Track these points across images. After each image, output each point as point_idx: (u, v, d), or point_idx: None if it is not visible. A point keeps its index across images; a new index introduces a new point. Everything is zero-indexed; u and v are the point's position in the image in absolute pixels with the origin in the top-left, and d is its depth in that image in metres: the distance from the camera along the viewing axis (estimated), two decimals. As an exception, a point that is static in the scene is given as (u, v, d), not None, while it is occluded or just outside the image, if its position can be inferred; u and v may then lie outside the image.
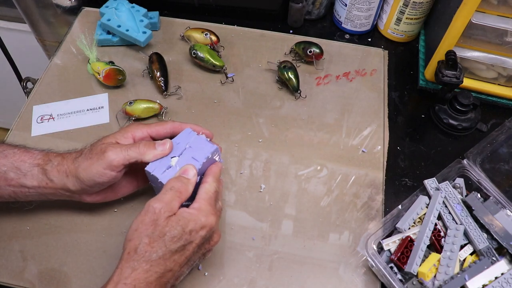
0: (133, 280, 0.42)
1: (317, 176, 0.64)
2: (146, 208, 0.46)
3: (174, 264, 0.44)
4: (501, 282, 0.51)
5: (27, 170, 0.50)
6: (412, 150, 0.68)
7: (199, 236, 0.46)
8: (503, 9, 0.64)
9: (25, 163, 0.50)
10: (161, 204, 0.45)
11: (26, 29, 1.12)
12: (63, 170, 0.50)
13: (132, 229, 0.45)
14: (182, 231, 0.44)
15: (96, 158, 0.49)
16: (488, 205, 0.56)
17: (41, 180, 0.50)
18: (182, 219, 0.45)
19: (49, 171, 0.50)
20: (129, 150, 0.49)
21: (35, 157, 0.51)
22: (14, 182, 0.50)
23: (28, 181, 0.50)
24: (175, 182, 0.47)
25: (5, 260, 0.55)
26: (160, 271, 0.43)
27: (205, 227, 0.46)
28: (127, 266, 0.43)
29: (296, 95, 0.72)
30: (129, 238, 0.44)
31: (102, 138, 0.52)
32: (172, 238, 0.44)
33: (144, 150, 0.50)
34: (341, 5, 0.80)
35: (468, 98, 0.68)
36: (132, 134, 0.52)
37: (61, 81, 0.73)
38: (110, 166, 0.49)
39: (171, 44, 0.79)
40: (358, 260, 0.57)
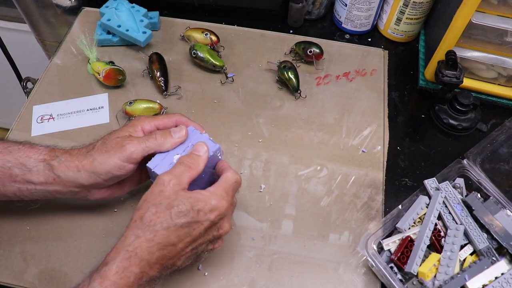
0: (135, 247, 0.42)
1: (317, 176, 0.64)
2: (156, 180, 0.46)
3: (178, 240, 0.44)
4: (501, 282, 0.51)
5: (33, 166, 0.49)
6: (412, 150, 0.68)
7: (207, 219, 0.45)
8: (503, 9, 0.64)
9: (30, 159, 0.50)
10: (170, 176, 0.46)
11: (26, 29, 1.12)
12: (74, 165, 0.49)
13: (142, 199, 0.46)
14: (190, 207, 0.44)
15: (114, 151, 0.48)
16: (488, 205, 0.56)
17: (48, 176, 0.49)
18: (193, 197, 0.45)
19: (56, 167, 0.49)
20: (147, 141, 0.49)
21: (41, 153, 0.50)
22: (19, 178, 0.49)
23: (34, 177, 0.49)
24: (185, 158, 0.48)
25: (5, 260, 0.55)
26: (162, 243, 0.43)
27: (214, 210, 0.45)
28: (131, 234, 0.43)
29: (296, 95, 0.72)
30: (138, 207, 0.45)
31: (113, 132, 0.51)
32: (179, 212, 0.44)
33: (161, 140, 0.50)
34: (341, 5, 0.80)
35: (468, 98, 0.68)
36: (142, 127, 0.52)
37: (61, 81, 0.73)
38: (130, 158, 0.49)
39: (171, 44, 0.79)
40: (358, 260, 0.57)
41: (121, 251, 0.42)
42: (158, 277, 0.44)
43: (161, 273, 0.44)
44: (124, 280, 0.41)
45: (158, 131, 0.51)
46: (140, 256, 0.42)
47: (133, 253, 0.42)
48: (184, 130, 0.51)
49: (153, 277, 0.44)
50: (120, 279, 0.41)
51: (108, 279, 0.41)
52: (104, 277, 0.41)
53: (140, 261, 0.42)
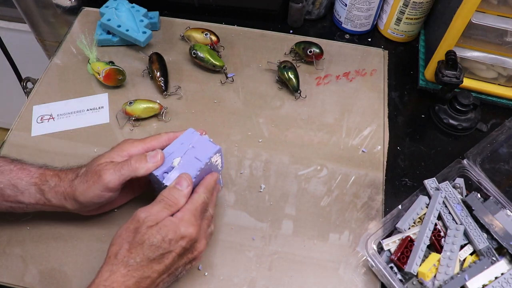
0: (111, 282, 0.43)
1: (317, 176, 0.64)
2: (133, 217, 0.47)
3: (152, 272, 0.45)
4: (501, 282, 0.51)
5: (24, 189, 0.51)
6: (412, 150, 0.68)
7: (178, 246, 0.46)
8: (503, 9, 0.64)
9: (22, 181, 0.51)
10: (146, 214, 0.46)
11: (26, 29, 1.12)
12: (61, 191, 0.50)
13: (117, 235, 0.46)
14: (162, 240, 0.45)
15: (93, 182, 0.49)
16: (488, 205, 0.56)
17: (39, 199, 0.51)
18: (163, 227, 0.45)
19: (47, 192, 0.51)
20: (122, 169, 0.49)
21: (32, 175, 0.51)
22: (11, 198, 0.51)
23: (25, 198, 0.51)
24: (166, 194, 0.48)
25: (5, 261, 0.55)
26: (137, 276, 0.44)
27: (184, 237, 0.46)
28: (106, 270, 0.44)
29: (296, 95, 0.72)
30: (113, 243, 0.46)
31: (97, 158, 0.52)
32: (150, 246, 0.44)
33: (136, 165, 0.49)
34: (341, 5, 0.80)
35: (468, 98, 0.68)
36: (128, 152, 0.52)
37: (61, 81, 0.73)
38: (107, 188, 0.49)
39: (171, 44, 0.79)
40: (358, 260, 0.57)
41: (98, 285, 0.43)
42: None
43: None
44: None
45: (134, 157, 0.50)
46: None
47: (110, 287, 0.43)
48: (159, 155, 0.50)
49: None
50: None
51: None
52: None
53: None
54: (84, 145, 0.66)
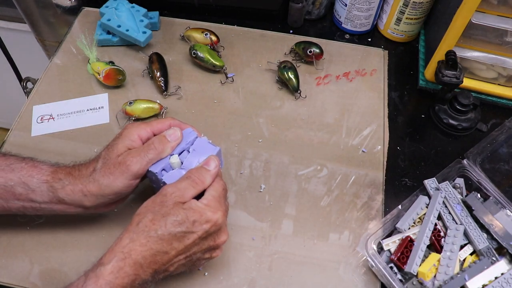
0: (130, 249, 0.43)
1: (317, 176, 0.64)
2: (160, 191, 0.47)
3: (171, 248, 0.44)
4: (501, 282, 0.51)
5: (36, 186, 0.49)
6: (412, 150, 0.68)
7: (202, 229, 0.46)
8: (503, 9, 0.64)
9: (33, 179, 0.49)
10: (174, 189, 0.46)
11: (26, 29, 1.12)
12: (78, 189, 0.49)
13: (143, 205, 0.46)
14: (186, 218, 0.45)
15: (120, 172, 0.48)
16: (488, 205, 0.56)
17: (52, 197, 0.49)
18: (189, 208, 0.45)
19: (59, 190, 0.49)
20: (148, 154, 0.49)
21: (43, 173, 0.50)
22: (23, 197, 0.49)
23: (37, 196, 0.49)
24: (194, 172, 0.48)
25: (6, 261, 0.55)
26: (155, 249, 0.44)
27: (209, 221, 0.46)
28: (127, 236, 0.44)
29: (296, 95, 0.72)
30: (137, 213, 0.46)
31: (110, 148, 0.50)
32: (174, 221, 0.44)
33: (161, 147, 0.50)
34: (341, 5, 0.80)
35: (468, 98, 0.68)
36: (138, 135, 0.51)
37: (61, 81, 0.73)
38: (136, 176, 0.49)
39: (171, 44, 0.79)
40: (358, 260, 0.57)
41: (116, 252, 0.43)
42: (150, 281, 0.45)
43: (154, 277, 0.45)
44: (118, 280, 0.42)
45: (154, 139, 0.50)
46: (134, 258, 0.43)
47: (128, 254, 0.43)
48: (178, 131, 0.51)
49: (146, 280, 0.44)
50: (115, 279, 0.42)
51: (103, 278, 0.42)
52: (99, 276, 0.42)
53: (134, 263, 0.43)
54: (84, 145, 0.66)
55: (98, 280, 0.42)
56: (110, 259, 0.43)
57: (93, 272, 0.42)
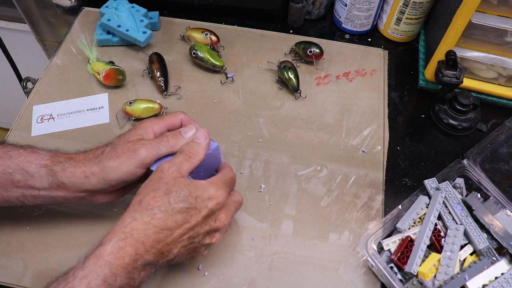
0: (131, 229, 0.42)
1: (317, 176, 0.64)
2: (156, 168, 0.47)
3: (176, 225, 0.44)
4: (501, 282, 0.51)
5: (34, 172, 0.48)
6: (412, 150, 0.68)
7: (205, 206, 0.45)
8: (503, 9, 0.64)
9: (32, 164, 0.48)
10: (169, 164, 0.46)
11: (26, 29, 1.12)
12: (80, 171, 0.48)
13: (141, 186, 0.46)
14: (189, 194, 0.44)
15: (126, 157, 0.47)
16: (488, 205, 0.56)
17: (51, 182, 0.48)
18: (191, 184, 0.45)
19: (59, 173, 0.48)
20: (159, 145, 0.48)
21: (42, 158, 0.49)
22: (21, 183, 0.48)
23: (36, 182, 0.48)
24: (186, 147, 0.49)
25: (5, 261, 0.55)
26: (159, 226, 0.43)
27: (212, 198, 0.46)
28: (128, 216, 0.43)
29: (296, 95, 0.72)
30: (137, 193, 0.45)
31: (122, 136, 0.50)
32: (177, 197, 0.44)
33: (174, 142, 0.49)
34: (341, 5, 0.80)
35: (468, 98, 0.68)
36: (153, 129, 0.51)
37: (61, 81, 0.73)
38: (143, 164, 0.48)
39: (171, 44, 0.79)
40: (358, 260, 0.57)
41: (117, 232, 0.42)
42: (153, 263, 0.43)
43: (156, 259, 0.43)
44: (118, 260, 0.41)
45: (169, 133, 0.50)
46: (136, 237, 0.42)
47: (129, 234, 0.42)
48: (194, 129, 0.51)
49: (148, 261, 0.43)
50: (114, 259, 0.41)
51: (102, 258, 0.41)
52: (99, 256, 0.41)
53: (135, 243, 0.41)
54: (84, 145, 0.65)
55: (97, 260, 0.41)
56: (110, 239, 0.42)
57: (92, 253, 0.41)
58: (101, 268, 0.40)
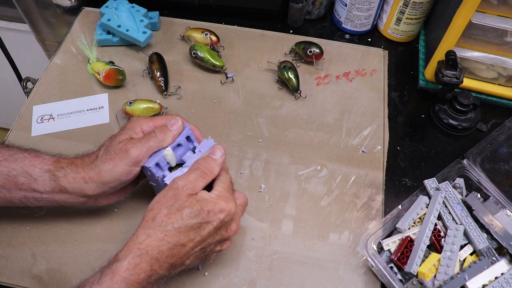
0: (146, 246, 0.43)
1: (317, 176, 0.64)
2: (170, 184, 0.47)
3: (188, 240, 0.45)
4: (501, 282, 0.51)
5: (38, 176, 0.50)
6: (412, 150, 0.68)
7: (217, 218, 0.46)
8: (503, 9, 0.64)
9: (35, 168, 0.50)
10: (184, 181, 0.47)
11: (26, 29, 1.12)
12: (80, 177, 0.49)
13: (154, 201, 0.47)
14: (201, 209, 0.45)
15: (120, 158, 0.49)
16: (488, 205, 0.56)
17: (54, 186, 0.50)
18: (202, 199, 0.46)
19: (61, 178, 0.49)
20: (149, 141, 0.50)
21: (46, 162, 0.51)
22: (25, 186, 0.50)
23: (39, 186, 0.50)
24: (202, 163, 0.49)
25: (5, 260, 0.55)
26: (173, 242, 0.44)
27: (224, 211, 0.47)
28: (143, 233, 0.44)
29: (296, 95, 0.72)
30: (150, 208, 0.46)
31: (113, 138, 0.51)
32: (190, 213, 0.45)
33: (162, 136, 0.50)
34: (341, 5, 0.80)
35: (468, 98, 0.68)
36: (141, 128, 0.52)
37: (61, 81, 0.73)
38: (136, 162, 0.49)
39: (171, 44, 0.79)
40: (358, 260, 0.57)
41: (132, 249, 0.43)
42: (166, 276, 0.45)
43: (170, 272, 0.45)
44: (134, 276, 0.42)
45: (156, 128, 0.51)
46: (151, 254, 0.43)
47: (144, 251, 0.43)
48: (180, 121, 0.52)
49: (162, 275, 0.44)
50: (130, 275, 0.42)
51: (119, 274, 0.42)
52: (115, 272, 0.42)
53: (150, 259, 0.43)
54: (84, 145, 0.66)
55: (114, 276, 0.42)
56: (126, 255, 0.43)
57: (108, 269, 0.43)
58: (118, 284, 0.42)
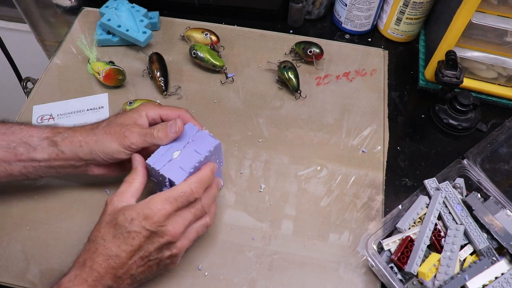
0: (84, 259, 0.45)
1: (317, 176, 0.64)
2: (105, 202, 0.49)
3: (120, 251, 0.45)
4: (501, 282, 0.51)
5: (37, 144, 0.52)
6: (412, 150, 0.68)
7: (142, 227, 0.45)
8: (503, 9, 0.64)
9: (34, 138, 0.52)
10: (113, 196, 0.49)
11: (26, 29, 1.12)
12: (77, 140, 0.52)
13: None
14: (124, 219, 0.46)
15: (116, 137, 0.51)
16: (488, 205, 0.56)
17: (52, 152, 0.52)
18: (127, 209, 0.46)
19: (59, 142, 0.52)
20: (146, 136, 0.51)
21: (43, 131, 0.53)
22: (24, 156, 0.52)
23: (38, 154, 0.52)
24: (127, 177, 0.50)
25: (5, 260, 0.55)
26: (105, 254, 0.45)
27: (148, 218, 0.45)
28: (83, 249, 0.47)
29: (296, 95, 0.72)
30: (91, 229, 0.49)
31: (119, 116, 0.54)
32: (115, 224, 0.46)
33: (158, 135, 0.51)
34: (341, 5, 0.80)
35: (468, 98, 0.68)
36: (147, 113, 0.54)
37: (61, 81, 0.73)
38: (129, 147, 0.51)
39: (171, 44, 0.79)
40: (358, 260, 0.57)
41: (75, 263, 0.46)
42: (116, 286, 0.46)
43: (117, 283, 0.46)
44: (76, 286, 0.44)
45: (157, 126, 0.52)
46: (89, 265, 0.45)
47: (83, 263, 0.45)
48: (178, 124, 0.51)
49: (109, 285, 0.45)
50: (73, 285, 0.44)
51: (62, 285, 0.44)
52: (60, 284, 0.45)
53: (89, 270, 0.45)
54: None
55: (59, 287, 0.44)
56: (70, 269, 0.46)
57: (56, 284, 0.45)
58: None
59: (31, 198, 0.60)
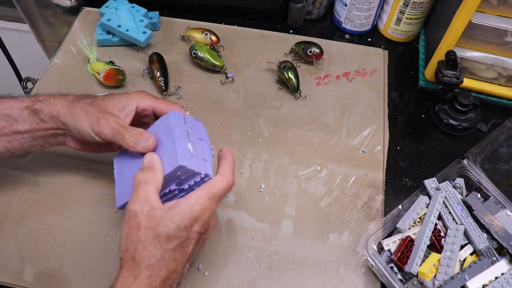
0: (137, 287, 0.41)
1: (317, 176, 0.64)
2: (128, 214, 0.43)
3: (177, 264, 0.43)
4: (501, 282, 0.51)
5: (17, 115, 0.50)
6: (412, 150, 0.68)
7: (195, 231, 0.44)
8: (503, 9, 0.64)
9: (14, 109, 0.51)
10: (138, 204, 0.43)
11: (26, 29, 1.12)
12: (55, 109, 0.50)
13: (123, 238, 0.43)
14: (177, 228, 0.42)
15: (91, 119, 0.48)
16: (488, 205, 0.56)
17: (33, 121, 0.50)
18: (175, 214, 0.43)
19: (39, 110, 0.50)
20: (118, 134, 0.47)
21: (23, 101, 0.51)
22: (7, 130, 0.50)
23: (20, 126, 0.50)
24: (139, 175, 0.45)
25: (5, 260, 0.55)
26: (164, 274, 0.42)
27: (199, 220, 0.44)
28: (129, 275, 0.42)
29: (296, 95, 0.72)
30: (124, 248, 0.43)
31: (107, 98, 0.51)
32: (167, 237, 0.42)
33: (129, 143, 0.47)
34: (341, 5, 0.80)
35: (468, 98, 0.68)
36: (137, 102, 0.51)
37: (61, 81, 0.73)
38: (99, 135, 0.48)
39: (171, 44, 0.79)
40: (358, 260, 0.57)
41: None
42: None
43: None
44: None
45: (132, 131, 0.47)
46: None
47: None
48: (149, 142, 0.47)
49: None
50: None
51: None
52: None
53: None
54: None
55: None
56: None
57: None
58: None
59: (31, 198, 0.60)
